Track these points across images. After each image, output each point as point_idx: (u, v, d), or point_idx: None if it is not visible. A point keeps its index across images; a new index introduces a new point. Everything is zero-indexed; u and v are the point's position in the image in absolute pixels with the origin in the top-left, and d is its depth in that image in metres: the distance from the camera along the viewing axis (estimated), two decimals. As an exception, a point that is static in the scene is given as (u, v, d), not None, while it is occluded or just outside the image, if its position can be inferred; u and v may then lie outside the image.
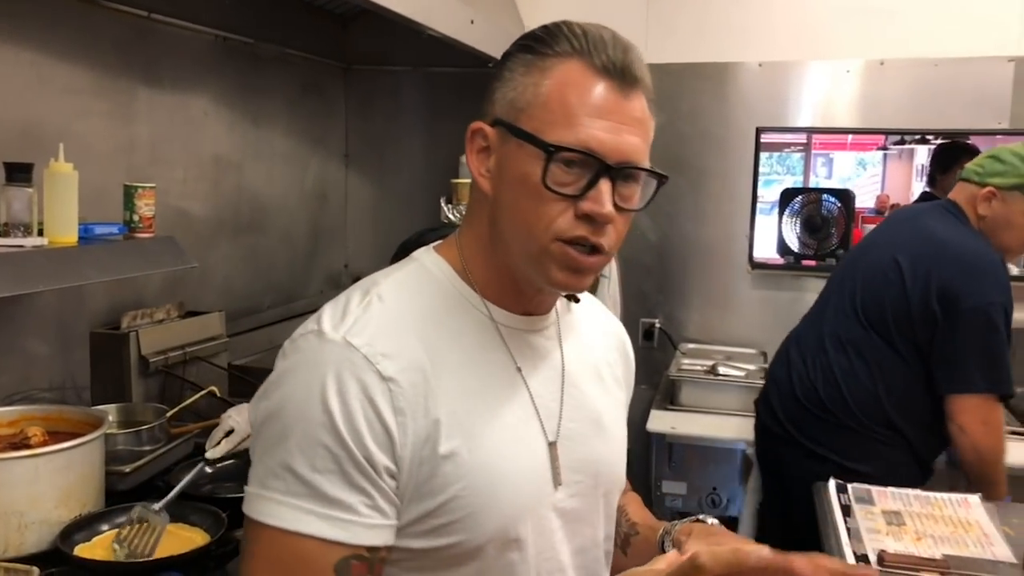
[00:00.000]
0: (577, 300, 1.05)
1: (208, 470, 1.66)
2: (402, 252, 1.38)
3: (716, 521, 1.08)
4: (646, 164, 0.88)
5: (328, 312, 0.88)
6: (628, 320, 3.20)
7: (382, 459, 0.82)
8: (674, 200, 3.22)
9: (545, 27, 0.89)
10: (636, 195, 0.89)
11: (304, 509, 0.80)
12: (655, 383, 3.17)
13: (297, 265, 3.13)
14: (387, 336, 0.85)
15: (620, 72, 0.85)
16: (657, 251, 3.26)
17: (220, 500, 1.65)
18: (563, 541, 0.95)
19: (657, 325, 3.27)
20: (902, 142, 8.98)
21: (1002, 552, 1.61)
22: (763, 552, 0.74)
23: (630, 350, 1.14)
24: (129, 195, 1.91)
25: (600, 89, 0.84)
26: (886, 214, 7.72)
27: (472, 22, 2.50)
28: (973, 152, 2.65)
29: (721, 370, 2.84)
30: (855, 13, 2.96)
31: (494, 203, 0.89)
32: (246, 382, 2.27)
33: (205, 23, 2.48)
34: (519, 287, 0.93)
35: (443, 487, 0.84)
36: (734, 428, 2.65)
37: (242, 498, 0.85)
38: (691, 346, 3.21)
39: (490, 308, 0.92)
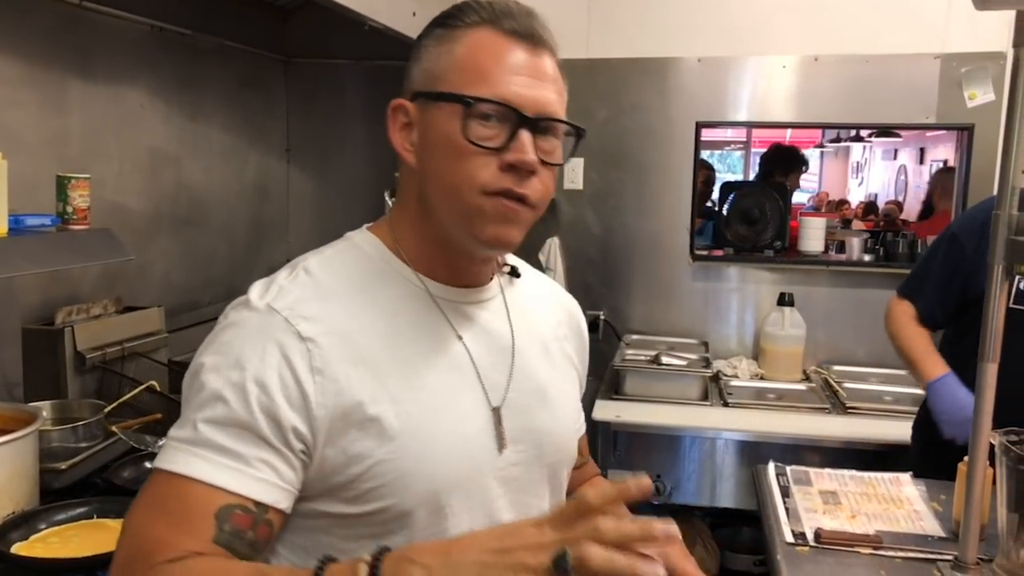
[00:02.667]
0: (518, 274, 1.06)
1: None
2: None
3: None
4: (562, 117, 0.92)
5: (257, 285, 0.90)
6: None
7: (291, 419, 0.82)
8: (617, 193, 3.26)
9: (455, 4, 0.93)
10: (557, 150, 0.92)
11: (195, 454, 0.81)
12: (600, 374, 3.20)
13: (237, 260, 3.09)
14: (310, 301, 0.87)
15: (528, 35, 0.89)
16: (601, 244, 3.29)
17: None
18: (504, 509, 0.94)
19: (602, 317, 3.30)
20: (837, 140, 9.13)
21: (931, 527, 1.67)
22: (644, 482, 0.73)
23: (583, 325, 1.15)
24: (62, 186, 1.87)
25: (512, 49, 0.89)
26: (822, 210, 7.88)
27: (414, 14, 2.50)
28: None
29: (664, 360, 2.88)
30: (791, 10, 3.04)
31: (421, 174, 0.91)
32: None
33: (140, 12, 2.43)
34: (452, 259, 0.94)
35: (368, 451, 0.84)
36: (677, 416, 2.69)
37: None
38: (635, 337, 3.25)
39: (424, 281, 0.94)
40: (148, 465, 1.47)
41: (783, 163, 4.13)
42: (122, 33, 2.41)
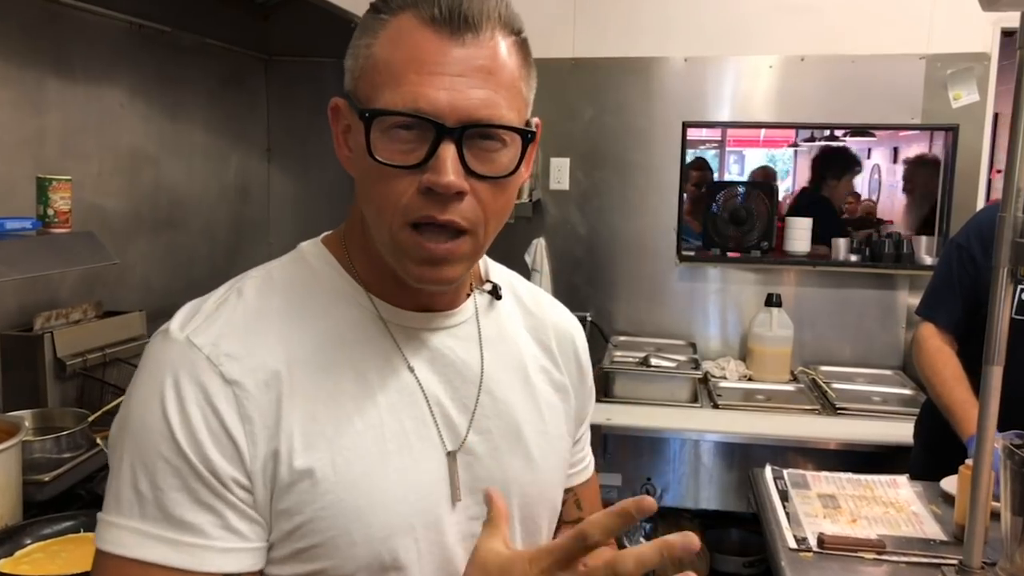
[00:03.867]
0: (499, 296, 0.91)
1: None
2: None
3: None
4: (500, 119, 0.74)
5: (184, 310, 0.79)
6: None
7: (229, 471, 0.72)
8: (603, 194, 3.24)
9: None
10: (502, 158, 0.75)
11: (147, 534, 0.71)
12: (587, 376, 3.18)
13: (218, 262, 3.02)
14: (236, 335, 0.75)
15: (453, 19, 0.72)
16: (587, 244, 3.27)
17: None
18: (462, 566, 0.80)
19: (588, 318, 3.28)
20: (812, 139, 9.21)
21: (932, 530, 1.67)
22: (645, 502, 0.69)
23: (583, 354, 0.99)
24: (43, 188, 1.80)
25: (428, 41, 0.72)
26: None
27: (401, 12, 2.45)
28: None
29: (653, 361, 2.87)
30: (778, 9, 3.03)
31: (357, 187, 0.79)
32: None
33: (118, 9, 2.36)
34: (400, 281, 0.80)
35: (300, 506, 0.74)
36: (668, 418, 2.68)
37: None
38: (622, 338, 3.23)
39: (376, 304, 0.81)
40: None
41: (835, 166, 4.11)
42: (100, 30, 2.34)
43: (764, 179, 4.45)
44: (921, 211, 4.02)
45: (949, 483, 1.80)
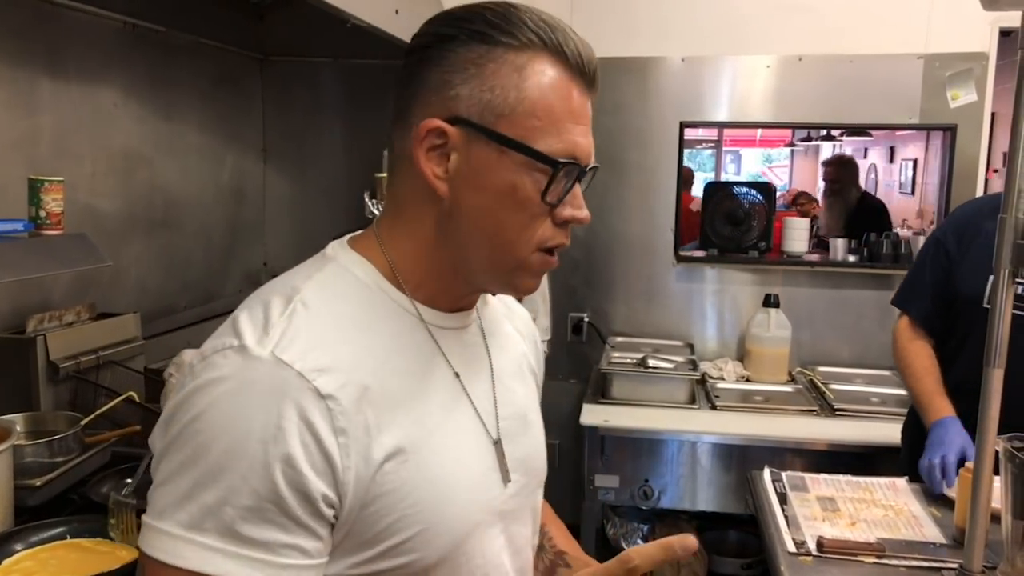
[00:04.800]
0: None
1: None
2: None
3: None
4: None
5: (247, 322, 0.77)
6: (557, 314, 3.20)
7: (320, 488, 0.73)
8: (600, 194, 3.23)
9: (493, 10, 0.81)
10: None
11: (212, 548, 0.70)
12: (585, 377, 3.17)
13: (214, 264, 3.01)
14: (320, 348, 0.76)
15: (589, 71, 0.82)
16: (584, 245, 3.26)
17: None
18: (506, 545, 0.91)
19: (585, 319, 3.28)
20: (808, 138, 9.16)
21: (932, 533, 1.66)
22: (687, 541, 0.78)
23: (538, 335, 1.09)
24: (34, 189, 1.79)
25: (576, 92, 0.81)
26: (792, 207, 7.91)
27: (397, 12, 2.44)
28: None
29: (651, 362, 2.86)
30: (775, 9, 3.03)
31: (453, 208, 0.81)
32: (164, 386, 2.15)
33: (112, 9, 2.34)
34: (456, 288, 0.87)
35: (389, 508, 0.77)
36: (665, 420, 2.67)
37: None
38: (619, 339, 3.22)
39: (420, 309, 0.86)
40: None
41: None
42: (94, 30, 2.32)
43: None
44: (843, 210, 4.05)
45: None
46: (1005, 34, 2.88)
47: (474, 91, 0.79)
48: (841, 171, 4.32)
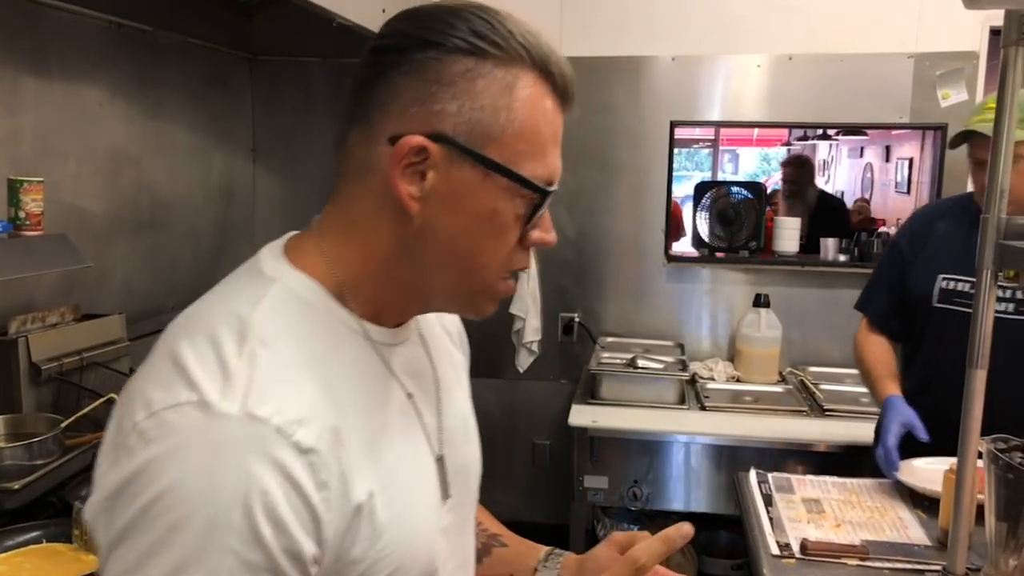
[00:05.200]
0: None
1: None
2: None
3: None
4: None
5: (198, 368, 0.67)
6: (547, 315, 3.20)
7: (311, 548, 0.67)
8: (590, 194, 3.22)
9: (478, 16, 0.74)
10: None
11: None
12: (575, 377, 3.16)
13: (202, 264, 2.99)
14: (293, 395, 0.68)
15: (571, 91, 0.78)
16: (574, 245, 3.25)
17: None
18: (449, 560, 0.86)
19: (576, 319, 3.27)
20: (804, 138, 9.21)
21: (917, 535, 1.65)
22: (684, 529, 0.84)
23: (462, 328, 1.03)
24: (14, 190, 1.78)
25: (557, 113, 0.77)
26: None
27: (384, 11, 2.43)
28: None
29: (640, 363, 2.85)
30: (765, 8, 3.02)
31: (424, 229, 0.75)
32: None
33: (97, 8, 2.32)
34: (406, 307, 0.82)
35: (364, 553, 0.72)
36: (654, 420, 2.66)
37: None
38: (610, 339, 3.21)
39: (367, 328, 0.79)
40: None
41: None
42: (78, 29, 2.31)
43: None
44: (802, 209, 4.06)
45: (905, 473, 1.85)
46: (996, 33, 2.86)
47: (463, 109, 0.73)
48: (799, 171, 4.38)
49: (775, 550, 1.57)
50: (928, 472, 1.80)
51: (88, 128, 2.38)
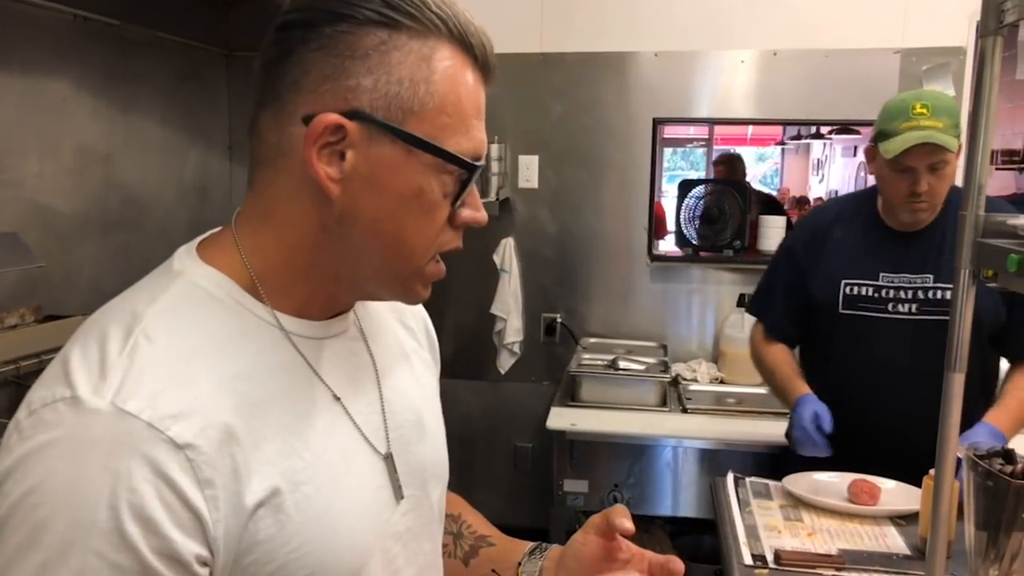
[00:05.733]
0: None
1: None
2: None
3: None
4: None
5: (80, 366, 0.65)
6: (529, 315, 3.15)
7: (190, 548, 0.64)
8: (573, 193, 3.16)
9: None
10: None
11: None
12: (558, 379, 3.11)
13: (176, 264, 2.93)
14: (171, 389, 0.65)
15: (492, 63, 0.75)
16: (557, 244, 3.20)
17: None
18: (406, 567, 0.83)
19: (558, 320, 3.21)
20: (798, 137, 9.17)
21: (895, 544, 1.60)
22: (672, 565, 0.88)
23: (431, 326, 1.00)
24: (-37, 188, 1.71)
25: (479, 86, 0.74)
26: (785, 206, 7.90)
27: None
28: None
29: (622, 364, 2.79)
30: (750, 3, 2.96)
31: (346, 212, 0.72)
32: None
33: (59, 1, 2.27)
34: (335, 296, 0.79)
35: (270, 555, 0.68)
36: (634, 423, 2.60)
37: None
38: (592, 340, 3.15)
39: (283, 321, 0.75)
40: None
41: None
42: (40, 23, 2.25)
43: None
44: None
45: (791, 481, 1.84)
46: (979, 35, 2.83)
47: (379, 83, 0.70)
48: (732, 168, 4.35)
49: (748, 560, 1.52)
50: (824, 484, 1.82)
51: (51, 124, 2.32)
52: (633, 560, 0.90)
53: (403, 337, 0.92)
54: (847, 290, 1.97)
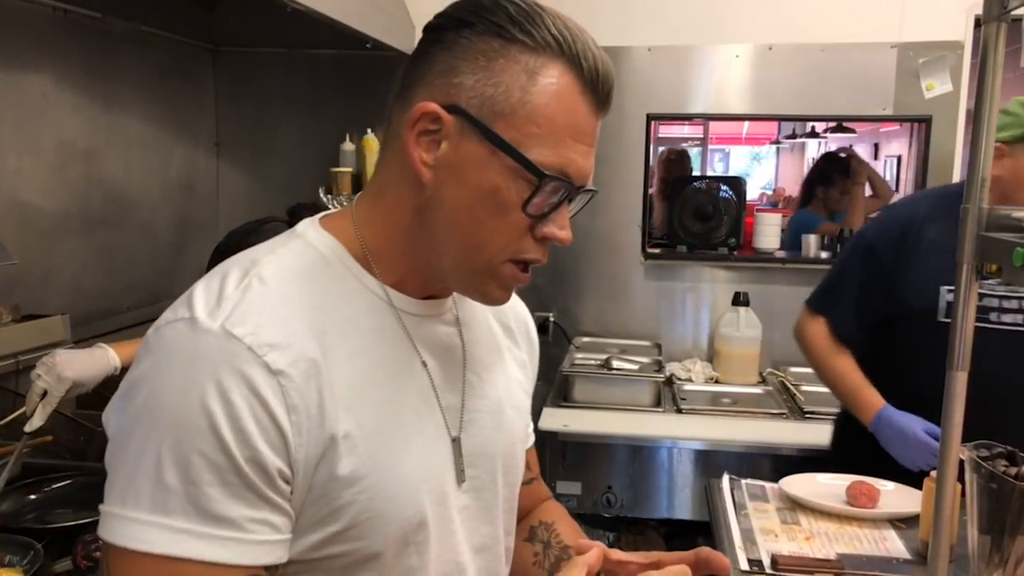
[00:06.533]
0: None
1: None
2: (217, 258, 1.24)
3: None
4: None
5: (201, 295, 0.76)
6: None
7: (275, 462, 0.72)
8: (566, 189, 3.11)
9: (518, 5, 0.77)
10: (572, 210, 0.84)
11: (180, 529, 0.69)
12: (550, 379, 3.06)
13: (161, 262, 2.88)
14: (273, 324, 0.74)
15: (604, 90, 0.79)
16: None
17: (36, 531, 1.42)
18: (463, 541, 0.88)
19: (551, 319, 3.16)
20: (793, 135, 9.13)
21: (895, 548, 1.55)
22: (702, 552, 0.83)
23: (533, 331, 1.06)
24: (-66, 183, 1.66)
25: (585, 109, 0.78)
26: (779, 205, 7.87)
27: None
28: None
29: (615, 364, 2.75)
30: (743, -4, 2.92)
31: (433, 198, 0.79)
32: (96, 393, 2.03)
33: (39, -7, 2.22)
34: (429, 277, 0.85)
35: (338, 491, 0.76)
36: (628, 424, 2.56)
37: (64, 527, 0.76)
38: (585, 340, 3.11)
39: (390, 294, 0.83)
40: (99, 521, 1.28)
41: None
42: (19, 16, 2.19)
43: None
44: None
45: (788, 483, 1.79)
46: (981, 24, 2.79)
47: (478, 83, 0.77)
48: (678, 166, 4.28)
49: (744, 566, 1.47)
50: (822, 486, 1.78)
51: (31, 119, 2.26)
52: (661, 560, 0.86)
53: (498, 333, 0.98)
54: (950, 297, 1.82)
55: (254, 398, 0.71)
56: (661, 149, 4.64)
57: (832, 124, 4.49)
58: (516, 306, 1.03)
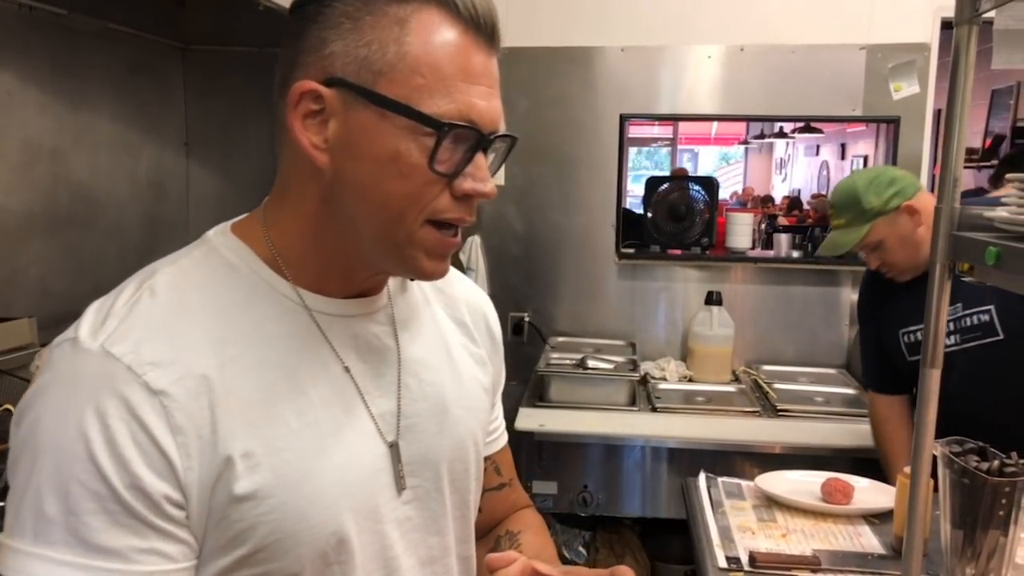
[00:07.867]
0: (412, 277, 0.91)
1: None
2: None
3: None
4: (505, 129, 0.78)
5: (91, 313, 0.73)
6: (497, 314, 3.08)
7: (161, 488, 0.68)
8: (541, 189, 3.12)
9: None
10: (491, 162, 0.78)
11: (62, 561, 0.66)
12: (526, 379, 3.06)
13: (130, 263, 2.77)
14: (157, 339, 0.70)
15: (487, 24, 0.74)
16: (524, 242, 3.15)
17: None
18: (403, 555, 0.83)
19: (526, 319, 3.16)
20: (761, 136, 9.22)
21: (870, 543, 1.57)
22: (618, 571, 0.79)
23: (495, 325, 1.00)
24: None
25: (470, 48, 0.73)
26: (748, 205, 7.92)
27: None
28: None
29: (590, 363, 2.75)
30: (715, -3, 2.94)
31: (335, 181, 0.74)
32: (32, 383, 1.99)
33: (4, -12, 2.17)
34: (351, 270, 0.80)
35: (242, 513, 0.71)
36: (603, 423, 2.56)
37: None
38: (560, 339, 3.11)
39: (303, 296, 0.78)
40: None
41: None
42: (-17, 11, 2.15)
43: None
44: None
45: (764, 480, 1.82)
46: (948, 26, 2.83)
47: (349, 47, 0.71)
48: None
49: (722, 563, 1.48)
50: (797, 483, 1.81)
51: (-5, 118, 2.22)
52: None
53: (448, 330, 0.92)
54: (906, 339, 1.98)
55: (134, 421, 0.67)
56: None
57: (800, 124, 4.54)
58: (471, 298, 0.98)
